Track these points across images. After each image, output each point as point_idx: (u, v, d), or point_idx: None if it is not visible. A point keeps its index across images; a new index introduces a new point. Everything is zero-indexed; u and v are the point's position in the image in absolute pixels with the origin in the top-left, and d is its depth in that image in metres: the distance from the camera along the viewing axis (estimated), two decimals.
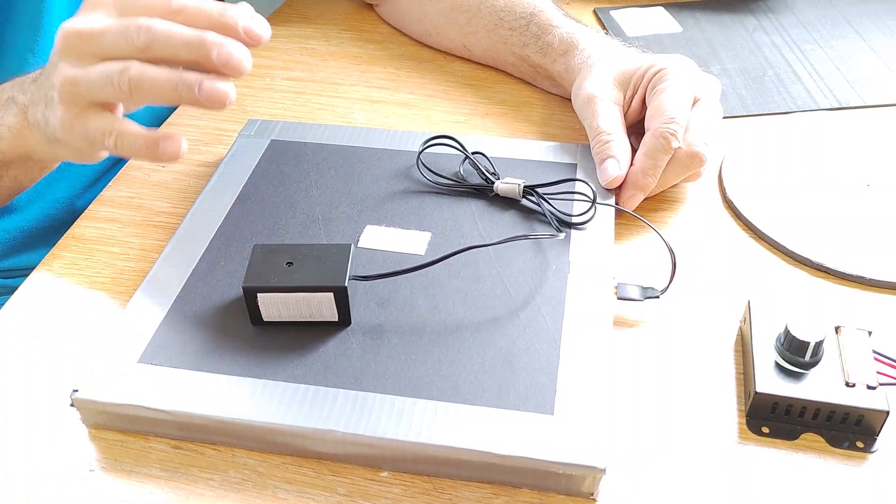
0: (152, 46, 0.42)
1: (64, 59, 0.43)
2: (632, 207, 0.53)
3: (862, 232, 0.54)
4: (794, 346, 0.42)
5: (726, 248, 0.54)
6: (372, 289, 0.46)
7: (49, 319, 0.48)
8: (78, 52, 0.43)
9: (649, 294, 0.48)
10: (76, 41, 0.43)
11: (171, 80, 0.42)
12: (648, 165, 0.53)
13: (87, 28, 0.43)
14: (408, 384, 0.41)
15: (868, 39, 0.75)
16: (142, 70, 0.42)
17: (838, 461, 0.41)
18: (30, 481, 0.40)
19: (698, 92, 0.55)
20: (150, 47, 0.42)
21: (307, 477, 0.40)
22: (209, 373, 0.42)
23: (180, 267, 0.48)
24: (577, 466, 0.38)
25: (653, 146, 0.52)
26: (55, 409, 0.43)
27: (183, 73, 0.41)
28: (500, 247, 0.49)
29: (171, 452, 0.41)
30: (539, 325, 0.44)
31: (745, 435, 0.42)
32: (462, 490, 0.39)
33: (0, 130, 0.49)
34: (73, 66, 0.43)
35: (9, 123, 0.49)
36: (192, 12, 0.43)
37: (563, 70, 0.63)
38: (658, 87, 0.54)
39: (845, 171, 0.59)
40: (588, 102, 0.57)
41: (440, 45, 0.74)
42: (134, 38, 0.42)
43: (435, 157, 0.56)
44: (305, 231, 0.51)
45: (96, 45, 0.43)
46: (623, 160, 0.53)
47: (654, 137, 0.52)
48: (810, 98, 0.67)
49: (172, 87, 0.42)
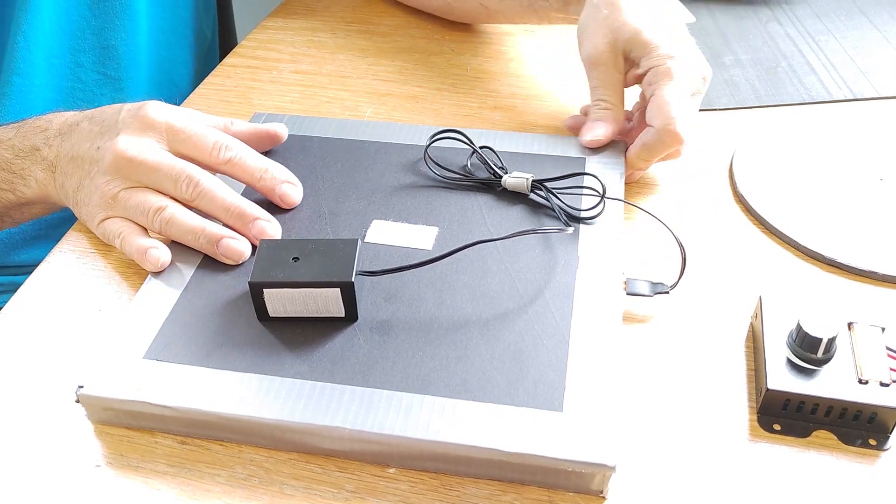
0: (195, 201, 0.48)
1: (109, 175, 0.48)
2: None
3: (875, 226, 0.53)
4: (807, 343, 0.41)
5: (737, 242, 0.53)
6: (379, 284, 0.46)
7: (54, 315, 0.48)
8: (125, 175, 0.48)
9: (659, 289, 0.48)
10: (126, 165, 0.48)
11: (195, 232, 0.47)
12: (645, 155, 0.54)
13: (139, 158, 0.48)
14: (415, 380, 0.41)
15: (883, 30, 0.74)
16: (174, 215, 0.48)
17: (850, 459, 0.40)
18: (36, 477, 0.40)
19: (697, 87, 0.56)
20: (193, 200, 0.48)
21: (314, 473, 0.40)
22: (215, 369, 0.41)
23: (185, 263, 0.48)
24: (587, 464, 0.37)
25: (656, 142, 0.53)
26: (60, 405, 0.43)
27: (206, 228, 0.47)
28: (508, 241, 0.48)
29: (177, 448, 0.41)
30: (548, 321, 0.44)
31: (756, 432, 0.41)
32: (470, 487, 0.39)
33: (28, 181, 0.52)
34: (118, 184, 0.48)
35: (37, 177, 0.52)
36: (238, 167, 0.50)
37: None
38: (662, 83, 0.54)
39: (858, 165, 0.58)
40: (594, 66, 0.57)
41: (458, 12, 0.74)
42: (182, 189, 0.48)
43: (442, 151, 0.56)
44: (311, 226, 0.51)
45: (144, 177, 0.48)
46: (612, 130, 0.56)
47: (660, 136, 0.53)
48: (824, 89, 0.67)
49: (195, 238, 0.47)
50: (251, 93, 0.68)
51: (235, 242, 0.47)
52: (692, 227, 0.54)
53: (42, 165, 0.52)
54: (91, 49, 0.65)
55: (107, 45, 0.65)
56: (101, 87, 0.67)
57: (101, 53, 0.65)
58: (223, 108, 0.66)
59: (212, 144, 0.49)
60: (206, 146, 0.49)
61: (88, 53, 0.65)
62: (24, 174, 0.52)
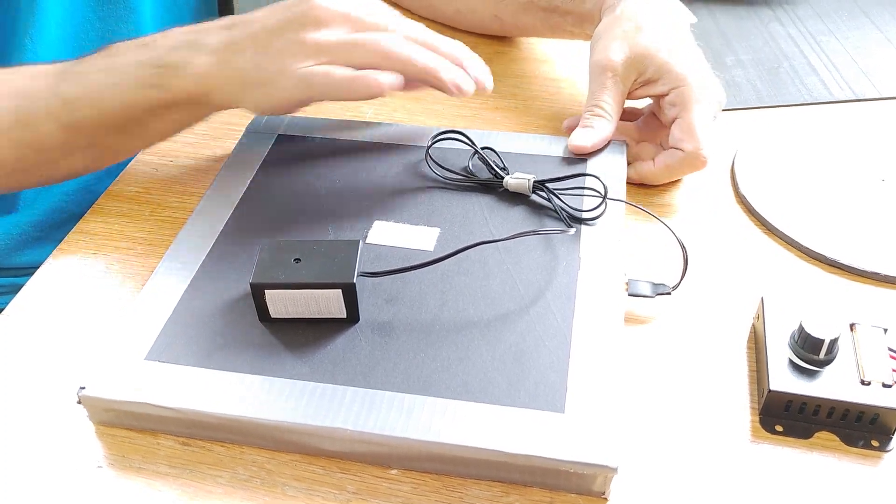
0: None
1: (306, 29, 0.49)
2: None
3: (877, 227, 0.53)
4: (809, 344, 0.41)
5: (739, 243, 0.53)
6: (380, 285, 0.46)
7: (56, 315, 0.48)
8: (326, 25, 0.49)
9: (661, 290, 0.48)
10: (327, 15, 0.49)
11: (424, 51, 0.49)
12: (667, 175, 0.55)
13: (342, 11, 0.49)
14: (417, 382, 0.41)
15: (885, 30, 0.74)
16: (400, 37, 0.49)
17: (853, 460, 0.40)
18: (37, 478, 0.40)
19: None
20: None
21: (316, 474, 0.40)
22: (216, 370, 0.41)
23: (187, 264, 0.48)
24: (589, 465, 0.37)
25: (682, 165, 0.54)
26: (62, 406, 0.43)
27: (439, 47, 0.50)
28: (509, 243, 0.48)
29: (179, 449, 0.41)
30: (549, 322, 0.44)
31: (758, 433, 0.41)
32: (472, 488, 0.39)
33: (188, 69, 0.49)
34: (323, 35, 0.48)
35: (199, 63, 0.49)
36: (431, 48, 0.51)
37: (592, 6, 0.63)
38: (688, 106, 0.54)
39: (860, 165, 0.58)
40: (602, 72, 0.57)
41: (471, 22, 0.74)
42: (398, 43, 0.49)
43: (444, 153, 0.56)
44: (313, 227, 0.50)
45: (349, 23, 0.49)
46: (600, 139, 0.56)
47: (688, 159, 0.54)
48: (826, 90, 0.66)
49: (425, 56, 0.49)
50: None
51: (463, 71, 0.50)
52: (694, 227, 0.54)
53: (204, 53, 0.49)
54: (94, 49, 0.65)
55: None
56: None
57: None
58: None
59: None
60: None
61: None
62: (180, 65, 0.49)
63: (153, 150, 0.62)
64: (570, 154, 0.56)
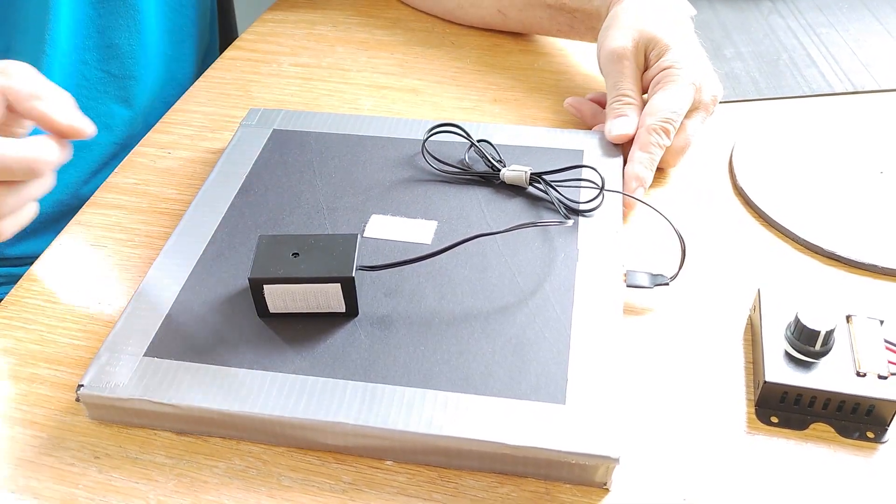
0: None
1: None
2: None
3: (874, 220, 0.53)
4: (805, 335, 0.42)
5: (736, 235, 0.53)
6: (379, 279, 0.46)
7: (54, 309, 0.48)
8: None
9: (659, 281, 0.48)
10: None
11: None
12: (644, 158, 0.54)
13: None
14: (417, 375, 0.41)
15: (885, 22, 0.74)
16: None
17: (848, 451, 0.40)
18: (34, 468, 0.40)
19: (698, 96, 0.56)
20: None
21: (312, 465, 0.40)
22: (215, 366, 0.42)
23: (184, 259, 0.48)
24: (591, 456, 0.37)
25: (645, 140, 0.54)
26: (59, 400, 0.43)
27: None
28: (507, 235, 0.48)
29: (175, 440, 0.41)
30: (549, 314, 0.44)
31: (753, 425, 0.42)
32: (468, 479, 0.39)
33: None
34: None
35: None
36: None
37: (600, 4, 0.63)
38: (662, 84, 0.55)
39: (858, 158, 0.58)
40: (618, 60, 0.57)
41: (473, 17, 0.74)
42: None
43: (440, 145, 0.56)
44: (310, 221, 0.51)
45: None
46: (634, 123, 0.55)
47: (647, 133, 0.54)
48: (825, 82, 0.66)
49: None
50: (251, 86, 0.68)
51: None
52: (692, 219, 0.54)
53: None
54: (95, 47, 0.65)
55: (111, 44, 0.65)
56: (105, 84, 0.67)
57: (105, 52, 0.66)
58: (223, 100, 0.66)
59: None
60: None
61: (93, 52, 0.65)
62: None
63: (151, 142, 0.62)
64: (580, 145, 0.56)
